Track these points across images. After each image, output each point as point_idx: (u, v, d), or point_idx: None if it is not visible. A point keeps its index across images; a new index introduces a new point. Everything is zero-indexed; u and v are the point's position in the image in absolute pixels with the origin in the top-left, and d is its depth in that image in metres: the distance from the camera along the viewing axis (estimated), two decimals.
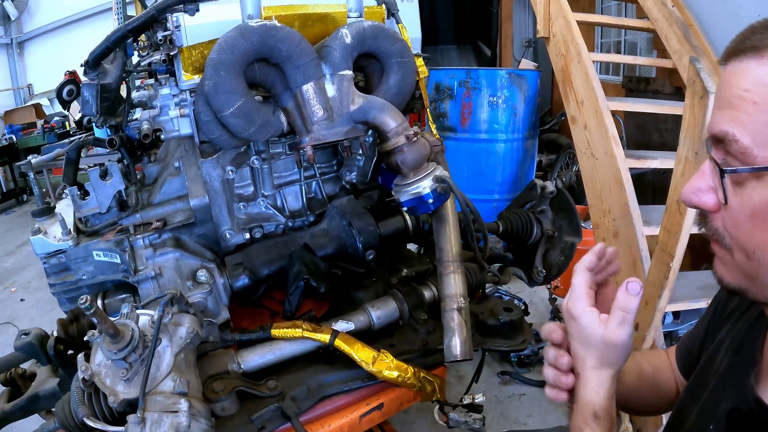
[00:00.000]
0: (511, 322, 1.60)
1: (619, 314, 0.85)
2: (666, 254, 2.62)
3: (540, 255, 1.86)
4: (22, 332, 1.55)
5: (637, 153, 3.30)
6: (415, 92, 1.68)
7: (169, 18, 1.34)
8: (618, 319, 0.85)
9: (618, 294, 0.86)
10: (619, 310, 0.85)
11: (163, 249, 1.51)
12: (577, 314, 0.89)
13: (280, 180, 1.78)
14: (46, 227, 1.68)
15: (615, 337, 0.85)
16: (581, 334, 0.90)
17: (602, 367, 0.89)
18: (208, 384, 1.32)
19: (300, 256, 1.53)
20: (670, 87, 3.94)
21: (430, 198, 1.32)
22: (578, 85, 3.40)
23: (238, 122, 1.31)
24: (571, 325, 0.92)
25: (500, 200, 4.70)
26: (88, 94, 1.31)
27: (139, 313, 1.24)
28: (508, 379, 3.24)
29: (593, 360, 0.89)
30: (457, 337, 1.37)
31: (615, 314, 0.86)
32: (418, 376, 1.44)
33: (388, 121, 1.35)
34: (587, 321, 0.88)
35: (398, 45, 1.47)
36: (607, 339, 0.86)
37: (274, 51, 1.29)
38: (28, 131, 8.87)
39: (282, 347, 1.43)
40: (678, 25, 3.33)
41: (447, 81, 4.60)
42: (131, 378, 1.17)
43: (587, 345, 0.89)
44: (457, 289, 1.41)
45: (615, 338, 0.85)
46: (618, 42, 6.23)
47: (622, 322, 0.85)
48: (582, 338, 0.90)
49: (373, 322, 1.52)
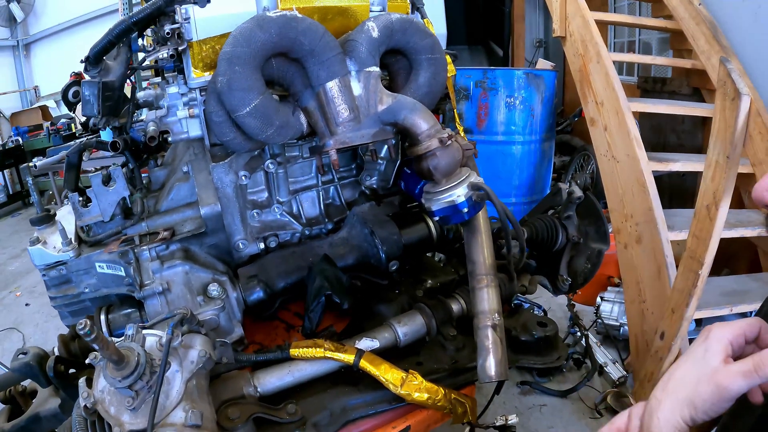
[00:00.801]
0: (546, 338, 1.51)
1: (749, 364, 0.71)
2: (695, 261, 2.51)
3: (565, 262, 1.77)
4: (20, 351, 1.45)
5: (659, 156, 3.19)
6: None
7: (178, 10, 1.23)
8: (745, 368, 0.71)
9: (765, 350, 0.71)
10: (753, 362, 0.71)
11: (171, 261, 1.40)
12: (714, 336, 0.76)
13: (297, 185, 1.68)
14: (45, 236, 1.58)
15: (726, 380, 0.71)
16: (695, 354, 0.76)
17: (681, 407, 0.74)
18: (222, 410, 1.21)
19: (321, 270, 1.42)
20: (688, 88, 3.83)
21: (465, 207, 1.20)
22: (598, 85, 3.29)
23: (255, 123, 1.20)
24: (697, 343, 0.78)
25: (517, 204, 4.58)
26: (89, 93, 1.20)
27: (145, 334, 1.13)
28: (528, 389, 3.12)
29: (673, 398, 0.75)
30: (492, 356, 1.26)
31: (746, 361, 0.71)
32: (449, 398, 1.33)
33: (419, 123, 1.23)
34: (716, 347, 0.75)
35: (429, 40, 1.36)
36: (717, 376, 0.72)
37: (295, 44, 1.18)
38: (34, 133, 8.81)
39: (302, 368, 1.32)
40: (706, 23, 3.21)
41: (463, 81, 4.48)
42: (138, 407, 1.07)
43: (690, 360, 0.76)
44: (491, 305, 1.30)
45: (725, 381, 0.71)
46: (631, 42, 6.11)
47: (746, 374, 0.70)
48: (691, 352, 0.76)
49: (399, 339, 1.41)
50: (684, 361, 0.79)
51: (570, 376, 3.14)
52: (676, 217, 2.99)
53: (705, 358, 0.75)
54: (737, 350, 0.77)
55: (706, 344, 0.77)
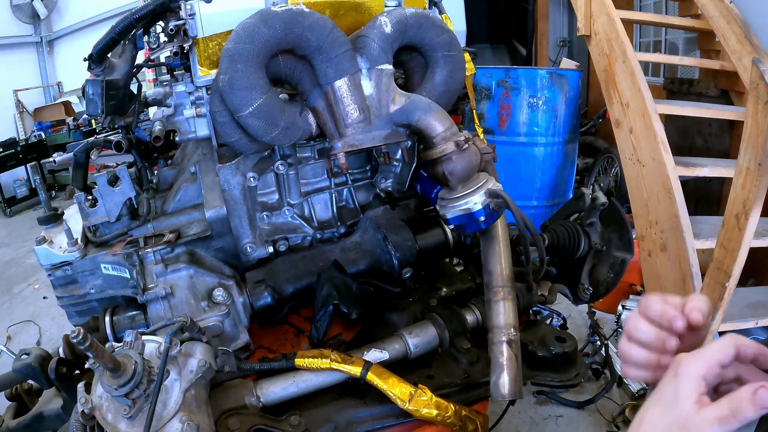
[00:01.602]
0: (564, 354, 1.42)
1: (725, 409, 0.63)
2: (722, 273, 2.41)
3: (587, 271, 1.69)
4: (23, 351, 1.42)
5: (686, 160, 3.07)
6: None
7: (183, 6, 1.18)
8: (720, 414, 0.63)
9: (742, 390, 0.63)
10: (729, 406, 0.63)
11: (175, 265, 1.36)
12: (684, 373, 0.67)
13: (308, 187, 1.62)
14: (52, 236, 1.56)
15: (699, 426, 0.63)
16: (664, 395, 0.67)
17: None
18: (222, 420, 1.17)
19: (330, 277, 1.36)
20: (716, 89, 3.69)
21: (482, 215, 1.13)
22: (623, 86, 3.19)
23: (258, 124, 1.14)
24: (666, 380, 0.69)
25: (539, 207, 4.47)
26: (92, 92, 1.16)
27: (145, 340, 1.09)
28: (545, 399, 3.03)
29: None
30: (506, 374, 1.19)
31: (721, 405, 0.63)
32: (460, 415, 1.26)
33: (434, 125, 1.16)
34: (687, 388, 0.66)
35: (445, 36, 1.28)
36: (690, 425, 0.64)
37: (302, 40, 1.12)
38: (56, 128, 8.97)
39: (307, 379, 1.27)
40: (737, 22, 3.08)
41: (485, 80, 4.38)
42: (135, 415, 1.03)
43: (660, 404, 0.67)
44: (507, 319, 1.22)
45: (698, 427, 0.63)
46: (657, 41, 5.95)
47: (722, 420, 0.63)
48: (662, 393, 0.68)
49: (409, 351, 1.35)
50: (653, 403, 0.69)
51: (588, 387, 3.04)
52: (702, 225, 2.88)
53: (676, 402, 0.66)
54: (713, 381, 0.68)
55: (675, 384, 0.67)
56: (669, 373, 0.70)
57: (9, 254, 6.38)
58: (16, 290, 5.30)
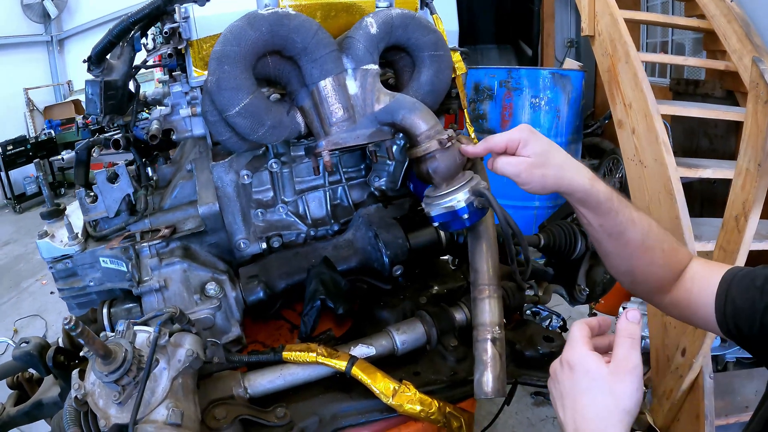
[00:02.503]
0: (552, 354, 1.43)
1: (627, 341, 0.77)
2: None
3: (583, 272, 1.69)
4: (22, 340, 1.46)
5: (688, 161, 3.07)
6: (452, 91, 1.51)
7: (177, 9, 1.21)
8: (627, 345, 0.77)
9: (619, 324, 0.79)
10: (625, 337, 0.78)
11: (169, 259, 1.39)
12: (577, 360, 0.79)
13: (303, 185, 1.65)
14: (53, 230, 1.60)
15: (626, 366, 0.75)
16: (584, 381, 0.77)
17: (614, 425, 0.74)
18: (209, 410, 1.20)
19: (318, 273, 1.39)
20: (721, 90, 3.67)
21: (465, 213, 1.14)
22: (626, 86, 3.18)
23: (245, 123, 1.17)
24: (571, 377, 0.80)
25: (540, 207, 4.47)
26: (91, 92, 1.20)
27: (136, 330, 1.12)
28: (542, 400, 3.05)
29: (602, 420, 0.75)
30: (490, 372, 1.20)
31: (622, 342, 0.77)
32: (444, 411, 1.28)
33: (418, 123, 1.18)
34: (591, 362, 0.78)
35: (431, 36, 1.30)
36: (618, 372, 0.75)
37: (287, 42, 1.14)
38: (66, 126, 9.10)
39: (294, 372, 1.29)
40: (738, 21, 3.07)
41: (487, 81, 4.38)
42: (124, 401, 1.07)
43: (592, 395, 0.76)
44: (492, 317, 1.23)
45: (626, 366, 0.75)
46: (664, 42, 5.91)
47: (631, 347, 0.77)
48: (585, 389, 0.77)
49: (396, 348, 1.37)
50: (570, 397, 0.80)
51: None
52: (703, 227, 2.87)
53: (587, 377, 0.78)
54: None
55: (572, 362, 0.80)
56: (562, 377, 0.83)
57: (18, 250, 6.49)
58: (24, 285, 5.40)
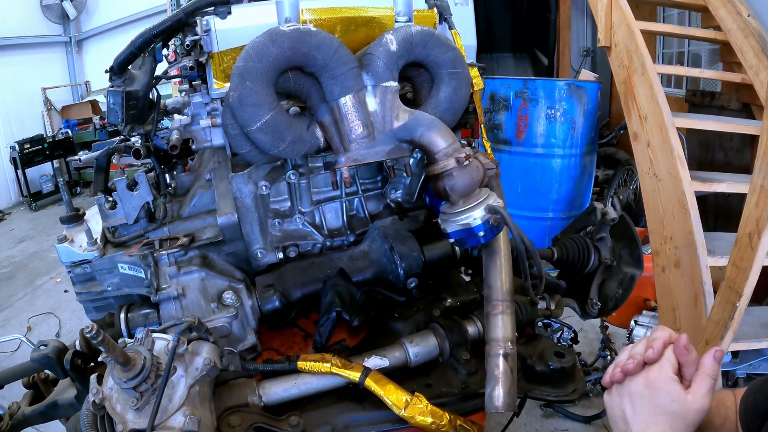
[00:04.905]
0: (562, 370, 1.43)
1: (708, 382, 0.82)
2: (733, 292, 2.38)
3: (596, 286, 1.68)
4: (41, 343, 1.49)
5: (703, 175, 3.04)
6: (469, 106, 1.52)
7: (199, 21, 1.24)
8: (707, 387, 0.82)
9: (704, 361, 0.83)
10: (708, 378, 0.82)
11: (188, 267, 1.41)
12: (662, 384, 0.83)
13: (320, 196, 1.67)
14: (72, 235, 1.63)
15: (702, 405, 0.81)
16: (659, 403, 0.83)
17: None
18: (224, 417, 1.22)
19: (334, 285, 1.41)
20: (737, 103, 3.64)
21: (481, 230, 1.16)
22: (641, 98, 3.16)
23: (266, 138, 1.19)
24: (647, 394, 0.85)
25: (554, 219, 4.44)
26: (113, 102, 1.23)
27: (155, 337, 1.15)
28: (551, 412, 3.03)
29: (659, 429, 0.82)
30: (501, 387, 1.21)
31: (703, 381, 0.82)
32: (455, 424, 1.29)
33: (436, 141, 1.19)
34: (674, 390, 0.83)
35: (450, 53, 1.32)
36: (695, 407, 0.81)
37: (308, 59, 1.16)
38: (83, 126, 9.22)
39: (308, 381, 1.31)
40: (755, 36, 3.05)
41: (503, 91, 4.37)
42: (141, 407, 1.09)
43: (661, 413, 0.83)
44: (505, 333, 1.24)
45: (702, 406, 0.81)
46: (680, 52, 5.87)
47: (709, 391, 0.82)
48: (656, 406, 0.83)
49: (409, 359, 1.38)
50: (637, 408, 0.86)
51: (596, 401, 3.03)
52: (717, 242, 2.84)
53: (675, 396, 0.82)
54: None
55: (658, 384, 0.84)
56: (638, 390, 0.86)
57: (33, 247, 6.58)
58: (39, 282, 5.46)
